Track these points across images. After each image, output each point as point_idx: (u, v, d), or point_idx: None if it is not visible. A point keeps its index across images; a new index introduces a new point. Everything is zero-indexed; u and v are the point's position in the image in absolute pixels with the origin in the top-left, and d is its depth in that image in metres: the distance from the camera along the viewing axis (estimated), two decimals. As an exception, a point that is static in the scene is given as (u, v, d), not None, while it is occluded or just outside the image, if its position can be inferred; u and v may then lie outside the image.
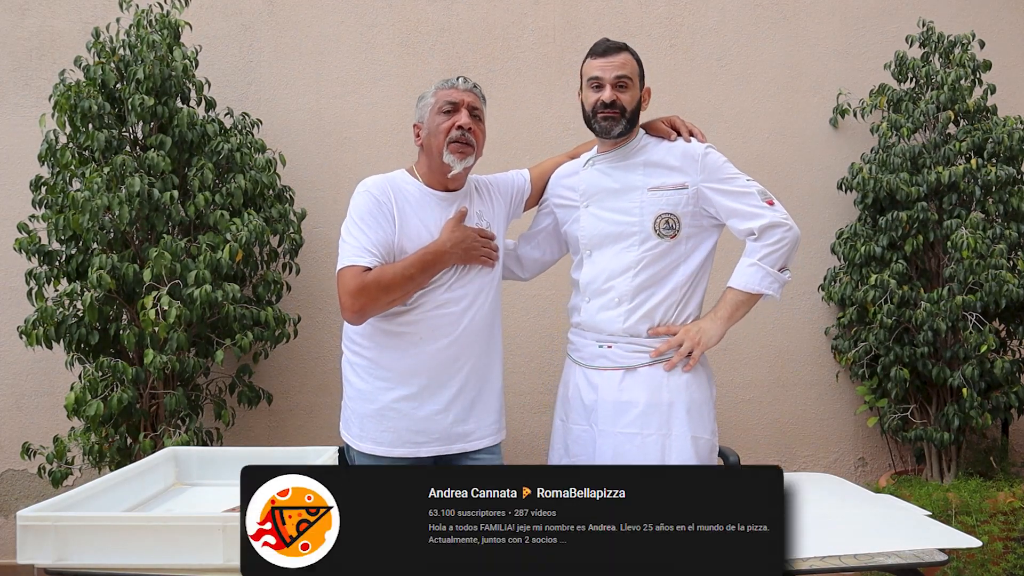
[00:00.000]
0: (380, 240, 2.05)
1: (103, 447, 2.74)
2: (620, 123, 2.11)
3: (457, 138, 2.10)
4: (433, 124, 2.13)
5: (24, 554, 1.38)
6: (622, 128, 2.12)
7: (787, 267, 2.14)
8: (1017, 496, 2.90)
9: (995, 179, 3.07)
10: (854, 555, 1.39)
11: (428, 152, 2.16)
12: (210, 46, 3.34)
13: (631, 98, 2.11)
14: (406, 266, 2.04)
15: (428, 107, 2.16)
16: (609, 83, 2.10)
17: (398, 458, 2.11)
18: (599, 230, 2.17)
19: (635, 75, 2.13)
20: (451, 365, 2.10)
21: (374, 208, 2.08)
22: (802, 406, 3.52)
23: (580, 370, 2.23)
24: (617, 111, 2.10)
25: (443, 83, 2.17)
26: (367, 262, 2.03)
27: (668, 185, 2.12)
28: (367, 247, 2.04)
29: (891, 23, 3.49)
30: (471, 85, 2.17)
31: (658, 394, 2.12)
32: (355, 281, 2.01)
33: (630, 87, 2.11)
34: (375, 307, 2.03)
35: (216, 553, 1.34)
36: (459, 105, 2.12)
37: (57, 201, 2.79)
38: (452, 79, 2.16)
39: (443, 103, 2.13)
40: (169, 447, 1.91)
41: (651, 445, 2.10)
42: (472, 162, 2.15)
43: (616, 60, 2.11)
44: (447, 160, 2.11)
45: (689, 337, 2.11)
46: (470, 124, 2.12)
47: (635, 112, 2.14)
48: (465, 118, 2.11)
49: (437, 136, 2.12)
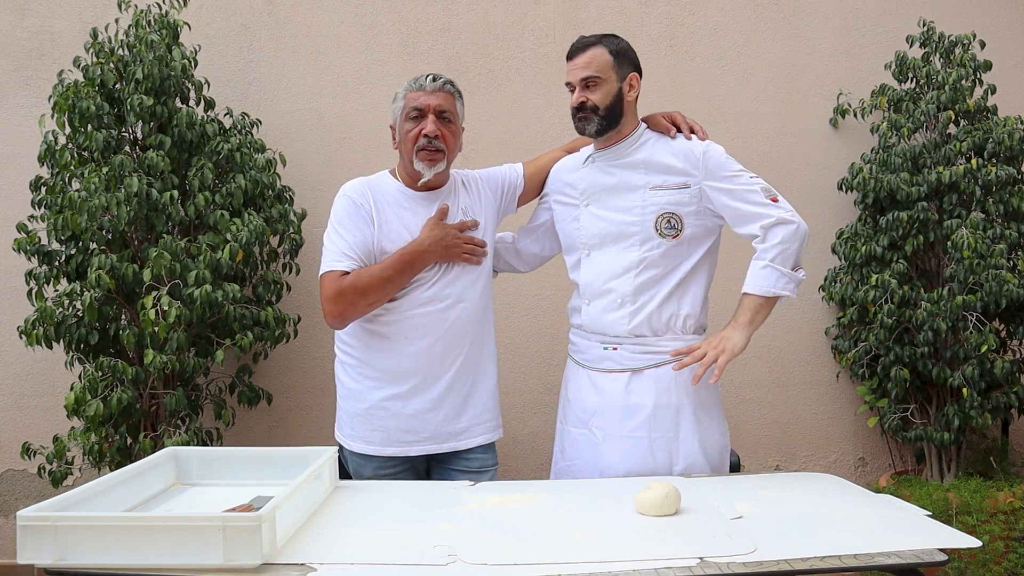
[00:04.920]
0: (357, 243, 2.05)
1: (103, 447, 2.74)
2: (593, 121, 2.09)
3: (424, 146, 2.08)
4: (402, 130, 2.12)
5: (24, 554, 1.37)
6: (597, 126, 2.10)
7: (800, 264, 2.08)
8: (1017, 496, 2.90)
9: (995, 179, 3.06)
10: (854, 555, 1.39)
11: (401, 155, 2.16)
12: (210, 46, 3.34)
13: (602, 95, 2.08)
14: (383, 268, 2.03)
15: (398, 110, 2.14)
16: (577, 85, 2.10)
17: (388, 457, 2.11)
18: (600, 229, 2.15)
19: (605, 69, 2.07)
20: (439, 363, 2.10)
21: (352, 211, 2.08)
22: (802, 406, 3.52)
23: (583, 372, 2.20)
24: (588, 111, 2.08)
25: (411, 84, 2.13)
26: (345, 266, 2.03)
27: (670, 184, 2.09)
28: (344, 251, 2.04)
29: (891, 23, 3.49)
30: (440, 84, 2.12)
31: (666, 396, 2.09)
32: (332, 286, 2.02)
33: (600, 84, 2.07)
34: (354, 311, 2.03)
35: (216, 553, 1.34)
36: (425, 111, 2.09)
37: (56, 201, 2.79)
38: (421, 78, 2.12)
39: (410, 109, 2.11)
40: (169, 447, 1.91)
41: (659, 448, 2.08)
42: (444, 167, 2.13)
43: (580, 60, 2.09)
44: (417, 167, 2.10)
45: (712, 347, 2.01)
46: (436, 131, 2.08)
47: (611, 107, 2.09)
48: (431, 125, 2.08)
49: (406, 143, 2.11)
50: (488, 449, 2.20)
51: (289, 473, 1.78)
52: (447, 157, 2.13)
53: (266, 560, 1.37)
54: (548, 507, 1.70)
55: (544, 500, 1.75)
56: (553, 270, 2.67)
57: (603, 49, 2.08)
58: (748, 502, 1.70)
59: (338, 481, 1.89)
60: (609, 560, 1.38)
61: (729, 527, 1.54)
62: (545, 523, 1.59)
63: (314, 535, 1.53)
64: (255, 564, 1.35)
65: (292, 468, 1.80)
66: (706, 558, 1.38)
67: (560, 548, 1.45)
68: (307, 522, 1.61)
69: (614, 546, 1.45)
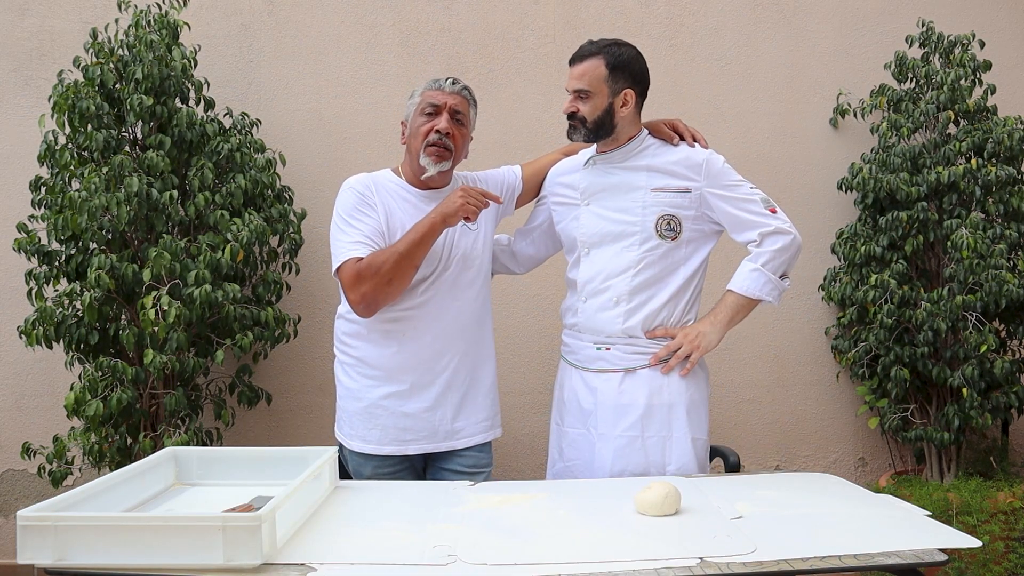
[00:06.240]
0: (372, 230, 2.05)
1: (103, 447, 2.74)
2: (580, 132, 2.12)
3: (434, 142, 2.09)
4: (415, 125, 2.13)
5: (24, 554, 1.37)
6: (582, 136, 2.13)
7: (788, 275, 2.15)
8: (1017, 496, 2.90)
9: (995, 179, 3.07)
10: (854, 555, 1.39)
11: (409, 151, 2.16)
12: (210, 46, 3.34)
13: (591, 109, 2.09)
14: (396, 244, 2.02)
15: (414, 106, 2.15)
16: (570, 93, 2.11)
17: (387, 456, 2.12)
18: (599, 228, 2.16)
19: (597, 83, 2.07)
20: (436, 362, 2.10)
21: (359, 202, 2.08)
22: (802, 406, 3.52)
23: (577, 373, 2.22)
24: (577, 120, 2.11)
25: (432, 83, 2.15)
26: (361, 252, 2.02)
27: (671, 187, 2.12)
28: (359, 239, 2.04)
29: (891, 23, 3.49)
30: (460, 87, 2.14)
31: (659, 395, 2.12)
32: (351, 272, 2.01)
33: (590, 97, 2.08)
34: (377, 293, 2.01)
35: (216, 553, 1.34)
36: (441, 108, 2.11)
37: (56, 201, 2.79)
38: (441, 79, 2.14)
39: (426, 104, 2.12)
40: (169, 447, 1.91)
41: (652, 447, 2.10)
42: (449, 167, 2.14)
43: (576, 71, 2.10)
44: (422, 162, 2.10)
45: (688, 340, 2.10)
46: (448, 128, 2.10)
47: (599, 121, 2.10)
48: (444, 123, 2.09)
49: (416, 137, 2.12)
50: (484, 448, 2.21)
51: (289, 473, 1.78)
52: (454, 157, 2.14)
53: (266, 560, 1.37)
54: (548, 507, 1.70)
55: (544, 500, 1.75)
56: (552, 270, 2.67)
57: (600, 61, 2.08)
58: (748, 502, 1.70)
59: (338, 481, 1.89)
60: (609, 560, 1.38)
61: (729, 527, 1.54)
62: (545, 523, 1.60)
63: (314, 535, 1.53)
64: (255, 564, 1.35)
65: (292, 468, 1.80)
66: (706, 558, 1.38)
67: (560, 548, 1.45)
68: (307, 522, 1.61)
69: (614, 546, 1.45)
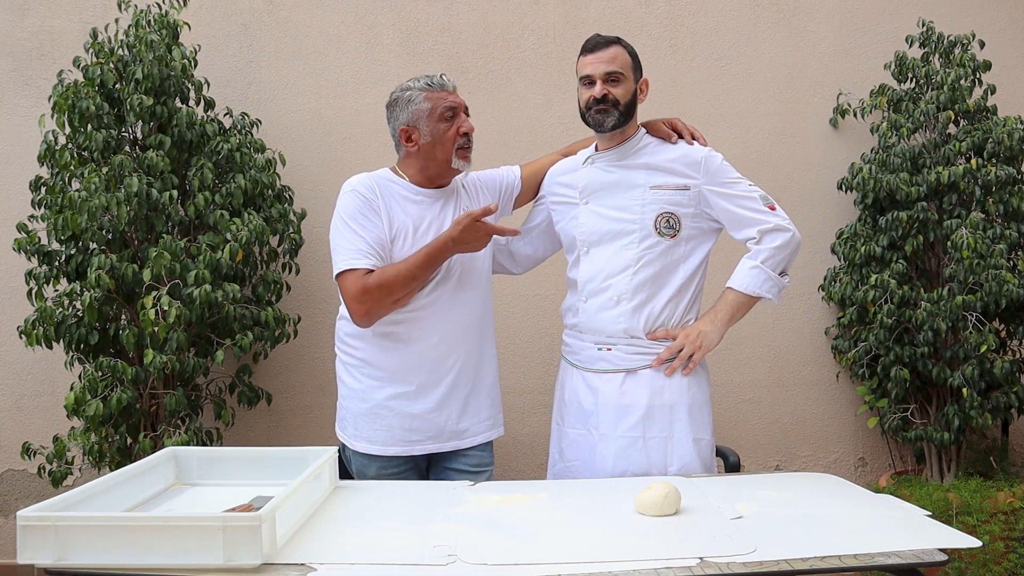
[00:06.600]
0: (375, 239, 2.05)
1: (103, 447, 2.74)
2: (612, 115, 2.09)
3: (463, 144, 2.13)
4: (438, 131, 2.11)
5: (24, 554, 1.37)
6: (615, 120, 2.10)
7: (787, 272, 2.15)
8: (1017, 496, 2.90)
9: (995, 179, 3.06)
10: (854, 555, 1.39)
11: (427, 156, 2.14)
12: (210, 46, 3.34)
13: (624, 91, 2.09)
14: (409, 266, 2.03)
15: (422, 112, 2.12)
16: (599, 79, 2.08)
17: (392, 456, 2.12)
18: (599, 227, 2.16)
19: (627, 68, 2.10)
20: (441, 363, 2.11)
21: (364, 206, 2.07)
22: (802, 406, 3.52)
23: (578, 373, 2.22)
24: (609, 104, 2.08)
25: (430, 85, 2.13)
26: (367, 264, 2.02)
27: (670, 185, 2.12)
28: (363, 249, 2.03)
29: (891, 23, 3.49)
30: (454, 84, 2.18)
31: (660, 396, 2.11)
32: (357, 286, 2.01)
33: (622, 80, 2.09)
34: (381, 309, 2.03)
35: (216, 553, 1.34)
36: (458, 109, 2.13)
37: (56, 201, 2.79)
38: (437, 78, 2.14)
39: (444, 108, 2.11)
40: (169, 447, 1.91)
41: (654, 448, 2.10)
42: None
43: (605, 55, 2.09)
44: (456, 165, 2.13)
45: (690, 341, 2.10)
46: (472, 128, 2.15)
47: (629, 105, 2.11)
48: (468, 123, 2.14)
49: (444, 144, 2.11)
50: (487, 448, 2.21)
51: (289, 473, 1.78)
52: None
53: (266, 560, 1.37)
54: (548, 507, 1.70)
55: (544, 500, 1.75)
56: (552, 270, 2.67)
57: (623, 49, 2.12)
58: (748, 502, 1.70)
59: (338, 481, 1.89)
60: (609, 560, 1.38)
61: (729, 527, 1.54)
62: (545, 523, 1.60)
63: (314, 535, 1.53)
64: (255, 564, 1.35)
65: (292, 468, 1.80)
66: (706, 558, 1.38)
67: (560, 548, 1.45)
68: (307, 522, 1.61)
69: (614, 546, 1.45)
